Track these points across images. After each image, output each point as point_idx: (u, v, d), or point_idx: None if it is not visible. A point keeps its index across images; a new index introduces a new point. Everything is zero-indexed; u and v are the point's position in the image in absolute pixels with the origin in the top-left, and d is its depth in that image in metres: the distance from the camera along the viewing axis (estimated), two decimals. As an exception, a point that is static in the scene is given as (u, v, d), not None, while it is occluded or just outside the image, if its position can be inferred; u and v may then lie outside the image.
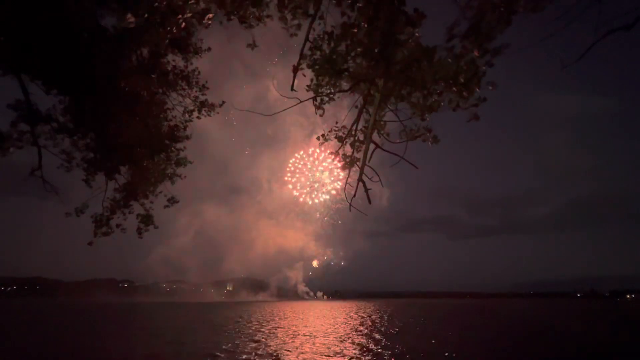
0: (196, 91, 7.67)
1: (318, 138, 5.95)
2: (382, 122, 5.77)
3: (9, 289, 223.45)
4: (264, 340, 21.74)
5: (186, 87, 7.56)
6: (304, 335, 24.22)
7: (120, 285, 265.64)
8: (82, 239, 7.40)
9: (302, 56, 5.13)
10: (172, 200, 7.82)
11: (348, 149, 6.07)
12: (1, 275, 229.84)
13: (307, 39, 4.92)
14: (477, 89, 4.68)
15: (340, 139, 5.93)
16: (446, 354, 17.35)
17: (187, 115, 7.83)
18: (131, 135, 7.26)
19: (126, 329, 30.55)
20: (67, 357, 16.82)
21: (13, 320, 39.53)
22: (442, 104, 5.17)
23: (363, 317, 44.82)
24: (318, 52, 5.08)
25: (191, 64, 7.17)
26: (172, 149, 7.86)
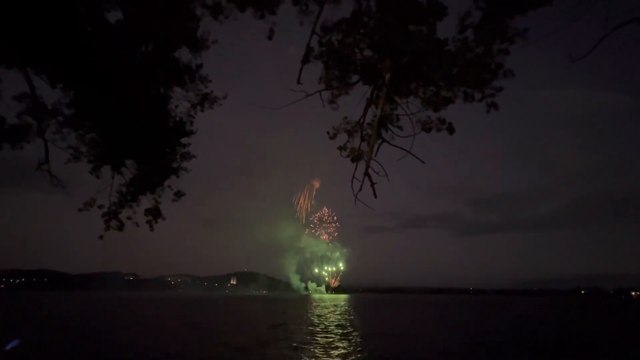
0: (199, 84, 7.53)
1: (328, 133, 5.89)
2: (393, 115, 5.70)
3: (17, 281, 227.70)
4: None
5: (189, 82, 7.44)
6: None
7: (125, 278, 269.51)
8: (88, 232, 7.47)
9: (309, 48, 5.05)
10: (179, 194, 7.83)
11: (356, 143, 6.01)
12: (9, 268, 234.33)
13: (313, 31, 4.85)
14: (493, 79, 4.60)
15: (349, 133, 5.87)
16: (449, 349, 17.38)
17: (192, 110, 7.76)
18: (136, 130, 7.25)
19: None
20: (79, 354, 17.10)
21: (24, 314, 40.30)
22: (455, 96, 5.08)
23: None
24: (326, 44, 5.00)
25: (199, 57, 7.06)
26: (178, 143, 7.83)
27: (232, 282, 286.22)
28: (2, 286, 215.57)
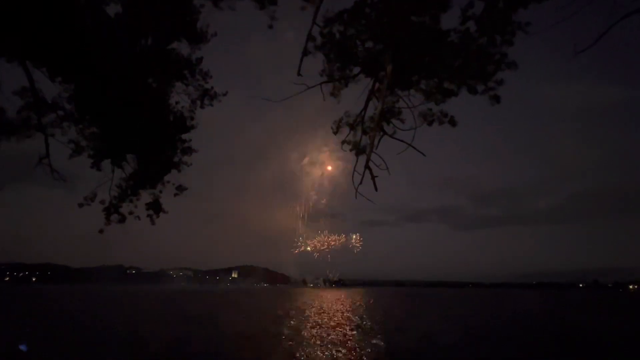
0: (199, 79, 7.45)
1: (331, 127, 5.87)
2: (394, 108, 5.66)
3: (20, 274, 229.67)
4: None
5: (189, 76, 7.36)
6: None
7: (127, 272, 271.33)
8: (90, 226, 7.48)
9: (309, 39, 4.98)
10: (181, 188, 7.83)
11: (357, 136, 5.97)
12: (13, 262, 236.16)
13: (314, 22, 4.78)
14: (496, 71, 4.55)
15: (351, 126, 5.84)
16: (449, 345, 17.54)
17: (192, 105, 7.70)
18: (136, 125, 7.22)
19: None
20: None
21: (28, 307, 40.68)
22: (458, 88, 5.03)
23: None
24: (327, 35, 4.94)
25: (198, 50, 6.97)
26: (178, 138, 7.79)
27: (233, 275, 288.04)
28: (6, 279, 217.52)
